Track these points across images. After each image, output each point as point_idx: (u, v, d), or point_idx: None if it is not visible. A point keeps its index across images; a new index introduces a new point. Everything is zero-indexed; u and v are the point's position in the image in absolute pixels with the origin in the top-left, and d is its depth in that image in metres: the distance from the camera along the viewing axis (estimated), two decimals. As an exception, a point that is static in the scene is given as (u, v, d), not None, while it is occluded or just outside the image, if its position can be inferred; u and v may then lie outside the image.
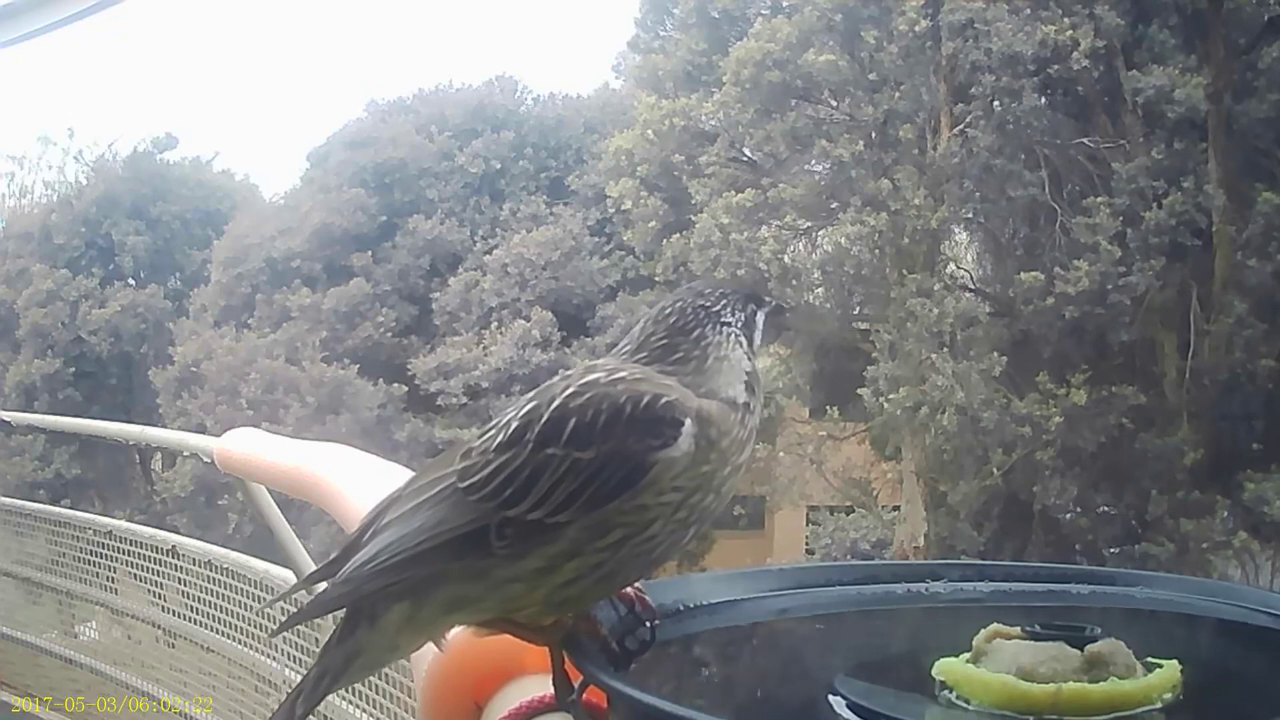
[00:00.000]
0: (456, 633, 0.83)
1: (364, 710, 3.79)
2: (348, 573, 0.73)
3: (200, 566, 4.73)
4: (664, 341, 0.75)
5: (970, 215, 17.27)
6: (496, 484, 0.70)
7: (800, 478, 17.77)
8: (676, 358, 0.75)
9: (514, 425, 0.72)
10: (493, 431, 0.73)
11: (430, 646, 0.84)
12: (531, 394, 0.74)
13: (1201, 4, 15.85)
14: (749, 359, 0.77)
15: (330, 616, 0.78)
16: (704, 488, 0.71)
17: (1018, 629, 0.68)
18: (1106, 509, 16.48)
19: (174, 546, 4.95)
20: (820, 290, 17.90)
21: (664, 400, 0.70)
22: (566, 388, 0.72)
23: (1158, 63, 15.57)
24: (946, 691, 0.66)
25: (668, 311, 0.77)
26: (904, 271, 16.19)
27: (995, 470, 15.63)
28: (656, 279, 17.90)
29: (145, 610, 5.14)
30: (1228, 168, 15.57)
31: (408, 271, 19.68)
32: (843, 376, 17.03)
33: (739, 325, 0.77)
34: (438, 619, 0.73)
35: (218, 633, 4.59)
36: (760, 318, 0.80)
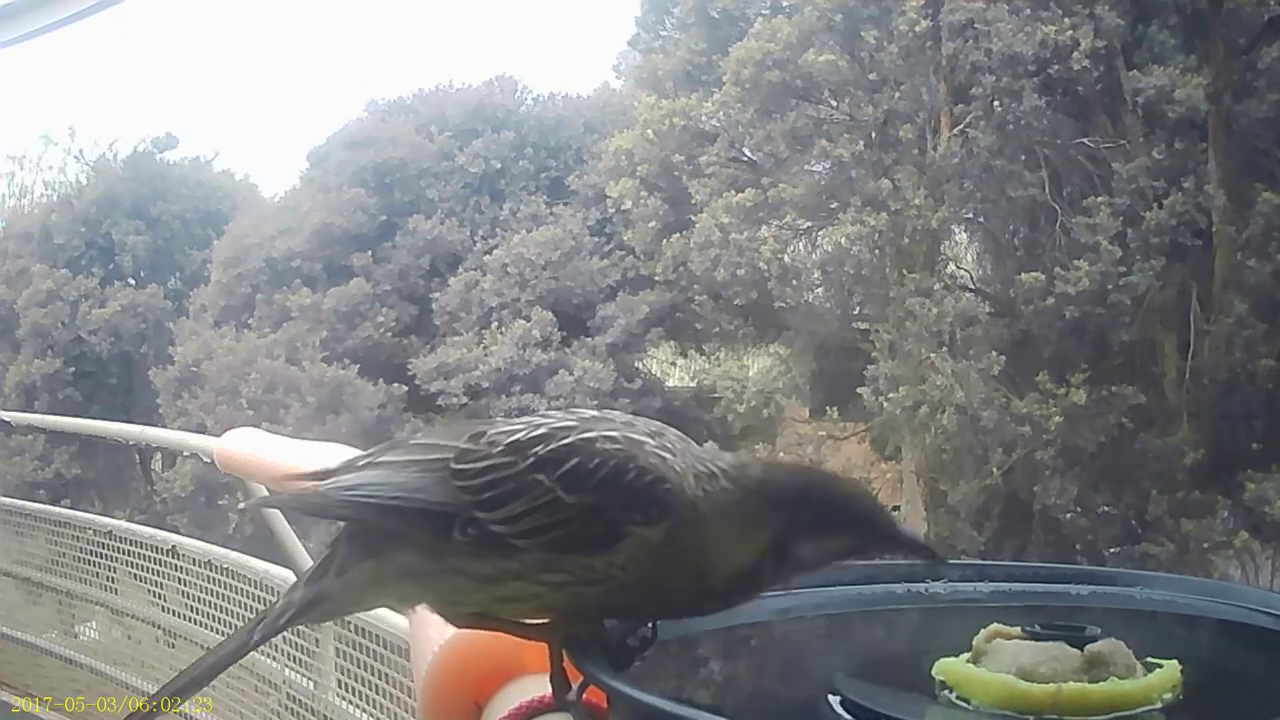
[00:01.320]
0: (456, 632, 0.83)
1: (364, 710, 3.79)
2: (329, 488, 0.75)
3: (200, 566, 4.73)
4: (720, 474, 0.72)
5: (970, 215, 17.27)
6: (482, 483, 0.70)
7: (800, 478, 17.75)
8: None
9: (538, 432, 0.71)
10: (517, 428, 0.72)
11: (430, 646, 0.84)
12: (586, 411, 0.73)
13: (1201, 4, 15.85)
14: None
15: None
16: (649, 585, 0.69)
17: (1018, 629, 0.68)
18: (1106, 509, 16.48)
19: (174, 546, 4.95)
20: (820, 290, 17.90)
21: (665, 486, 0.69)
22: (611, 427, 0.71)
23: (1158, 63, 15.57)
24: (946, 691, 0.66)
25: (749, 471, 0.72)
26: (904, 271, 16.20)
27: (995, 470, 15.63)
28: (656, 279, 17.91)
29: (145, 610, 5.14)
30: (1228, 168, 15.58)
31: (408, 271, 19.68)
32: (843, 376, 17.03)
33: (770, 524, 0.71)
34: (394, 583, 0.74)
35: (218, 633, 4.59)
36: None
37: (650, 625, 0.74)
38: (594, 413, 0.73)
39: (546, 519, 0.68)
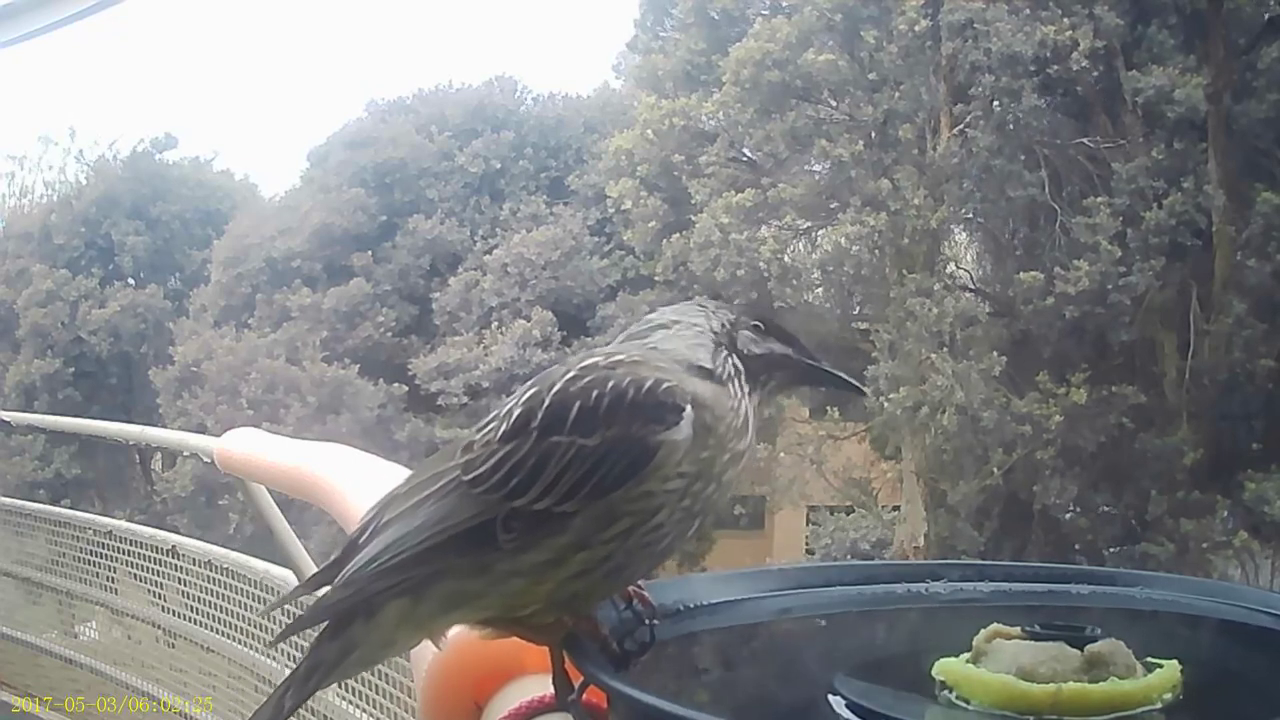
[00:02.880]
0: (456, 632, 0.83)
1: (364, 710, 3.79)
2: (349, 575, 0.72)
3: (200, 566, 4.73)
4: (647, 329, 0.76)
5: (970, 215, 17.28)
6: (501, 475, 0.69)
7: (800, 478, 17.78)
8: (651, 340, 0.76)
9: (516, 414, 0.71)
10: (494, 423, 0.72)
11: (430, 646, 0.84)
12: (531, 382, 0.73)
13: (1201, 4, 15.86)
14: (713, 347, 0.75)
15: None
16: (705, 475, 0.70)
17: (1018, 629, 0.68)
18: (1106, 509, 16.49)
19: (174, 546, 4.95)
20: (820, 290, 17.91)
21: (665, 385, 0.70)
22: (566, 373, 0.72)
23: (1157, 63, 15.57)
24: (946, 691, 0.66)
25: (660, 312, 0.78)
26: (904, 271, 16.20)
27: (995, 470, 15.63)
28: (656, 279, 17.91)
29: (145, 610, 5.14)
30: (1227, 168, 15.58)
31: (408, 271, 19.69)
32: (843, 376, 17.02)
33: (713, 329, 0.77)
34: (436, 616, 0.72)
35: (218, 633, 4.59)
36: (745, 336, 0.78)
37: (650, 625, 0.74)
38: (546, 372, 0.73)
39: (581, 470, 0.68)
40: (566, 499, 0.68)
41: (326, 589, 0.74)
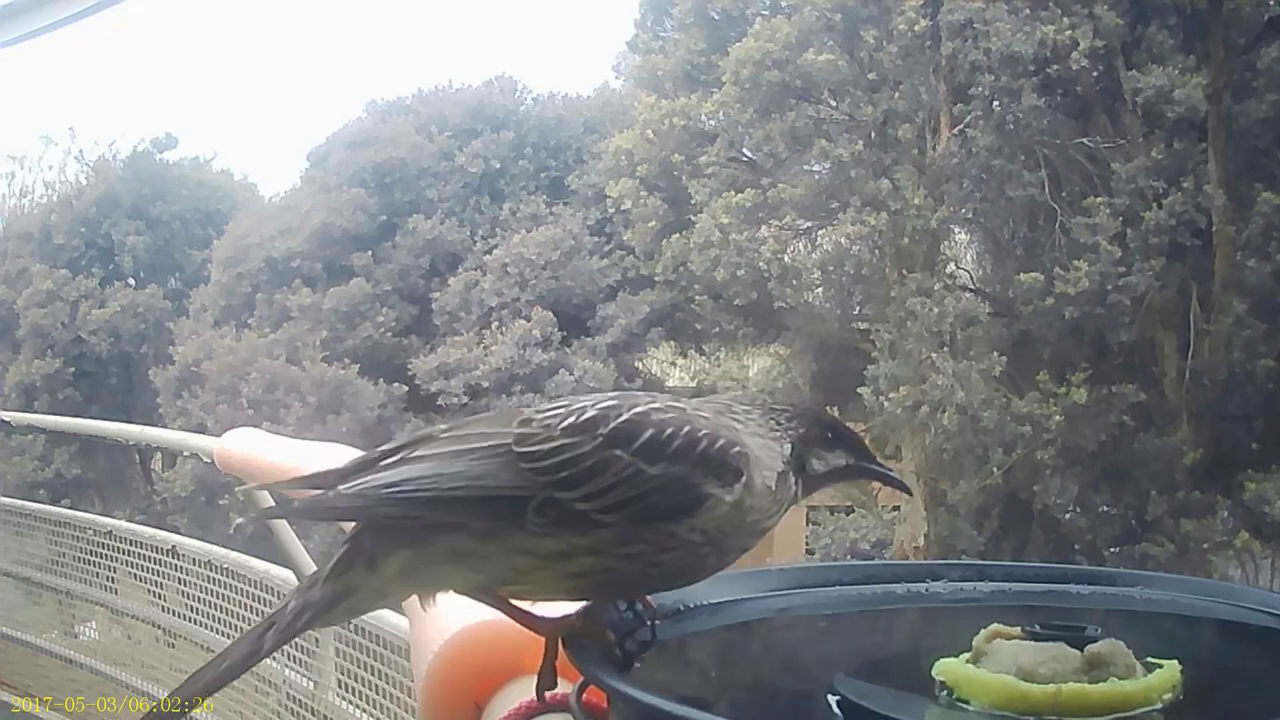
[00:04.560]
0: (456, 631, 0.83)
1: (364, 710, 3.79)
2: (363, 487, 0.72)
3: (200, 566, 4.74)
4: (749, 410, 0.77)
5: (970, 215, 17.27)
6: (556, 462, 0.70)
7: (800, 477, 17.76)
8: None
9: (589, 414, 0.72)
10: (560, 411, 0.72)
11: (430, 646, 0.84)
12: (611, 393, 0.74)
13: (1201, 4, 15.85)
14: (785, 461, 0.76)
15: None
16: (720, 546, 0.72)
17: (1018, 629, 0.68)
18: (1106, 509, 16.49)
19: (174, 546, 4.96)
20: (820, 290, 17.91)
21: (735, 449, 0.72)
22: (651, 401, 0.73)
23: (1157, 63, 15.57)
24: (946, 692, 0.65)
25: (773, 401, 0.79)
26: (904, 271, 16.20)
27: (995, 470, 15.63)
28: (656, 279, 17.92)
29: (145, 610, 5.15)
30: (1227, 168, 15.58)
31: (408, 271, 19.69)
32: (843, 376, 17.04)
33: (795, 436, 0.77)
34: (437, 571, 0.72)
35: (218, 633, 4.60)
36: (814, 457, 0.78)
37: (650, 625, 0.74)
38: (628, 391, 0.76)
39: (631, 491, 0.69)
40: (609, 511, 0.69)
41: (321, 492, 0.74)
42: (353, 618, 0.77)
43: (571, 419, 0.71)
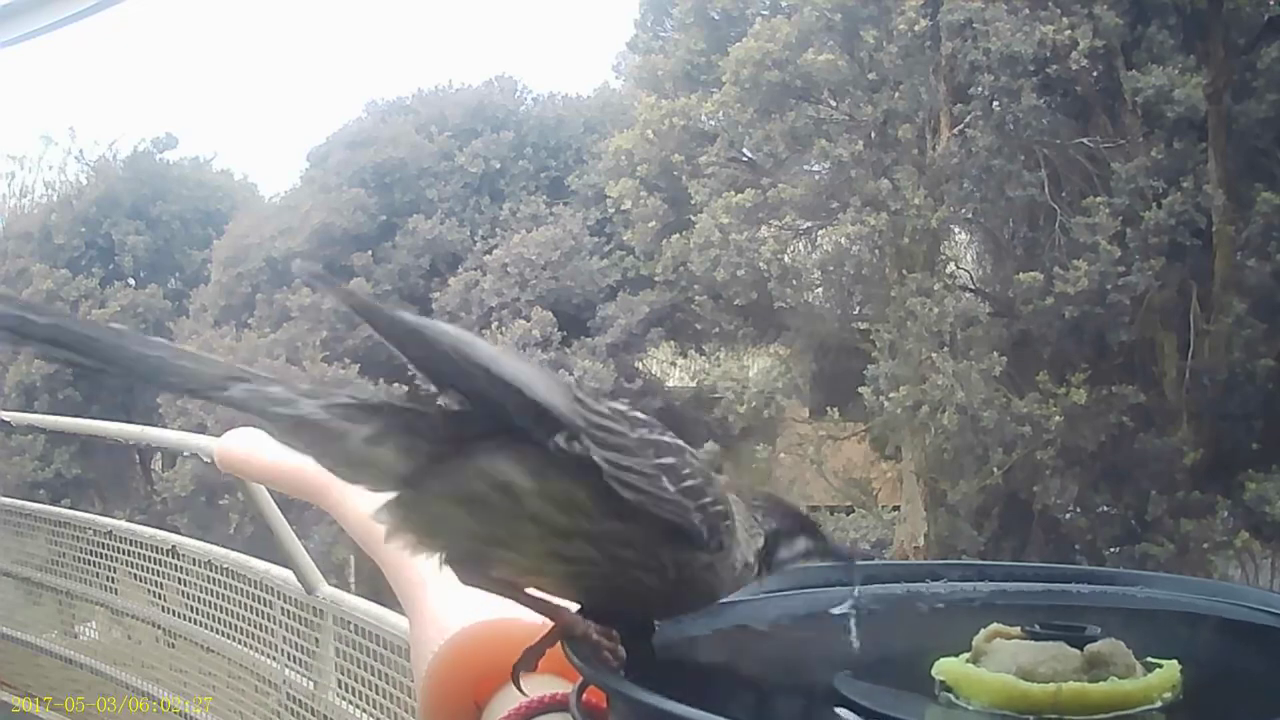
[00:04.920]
0: (456, 631, 0.83)
1: (364, 710, 3.79)
2: (420, 321, 0.72)
3: (200, 566, 4.74)
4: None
5: (970, 215, 17.28)
6: (598, 419, 0.69)
7: (800, 478, 17.78)
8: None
9: (630, 413, 0.72)
10: (607, 401, 0.72)
11: (430, 646, 0.84)
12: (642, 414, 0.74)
13: (1201, 4, 15.85)
14: (754, 560, 0.76)
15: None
16: (680, 591, 0.72)
17: (1018, 629, 0.68)
18: (1106, 509, 16.49)
19: (174, 546, 4.96)
20: (820, 290, 17.91)
21: (726, 523, 0.72)
22: (676, 437, 0.73)
23: (1157, 63, 15.57)
24: (946, 692, 0.66)
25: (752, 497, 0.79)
26: (904, 271, 16.21)
27: (995, 470, 15.64)
28: (656, 279, 17.92)
29: (145, 610, 5.15)
30: (1227, 168, 15.58)
31: (408, 271, 19.69)
32: (843, 376, 17.04)
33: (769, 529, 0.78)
34: (429, 509, 0.70)
35: (218, 633, 4.60)
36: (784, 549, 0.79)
37: (651, 625, 0.74)
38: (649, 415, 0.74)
39: (646, 485, 0.69)
40: (625, 486, 0.68)
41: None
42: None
43: (614, 407, 0.71)
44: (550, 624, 0.73)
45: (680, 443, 0.72)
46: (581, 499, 0.69)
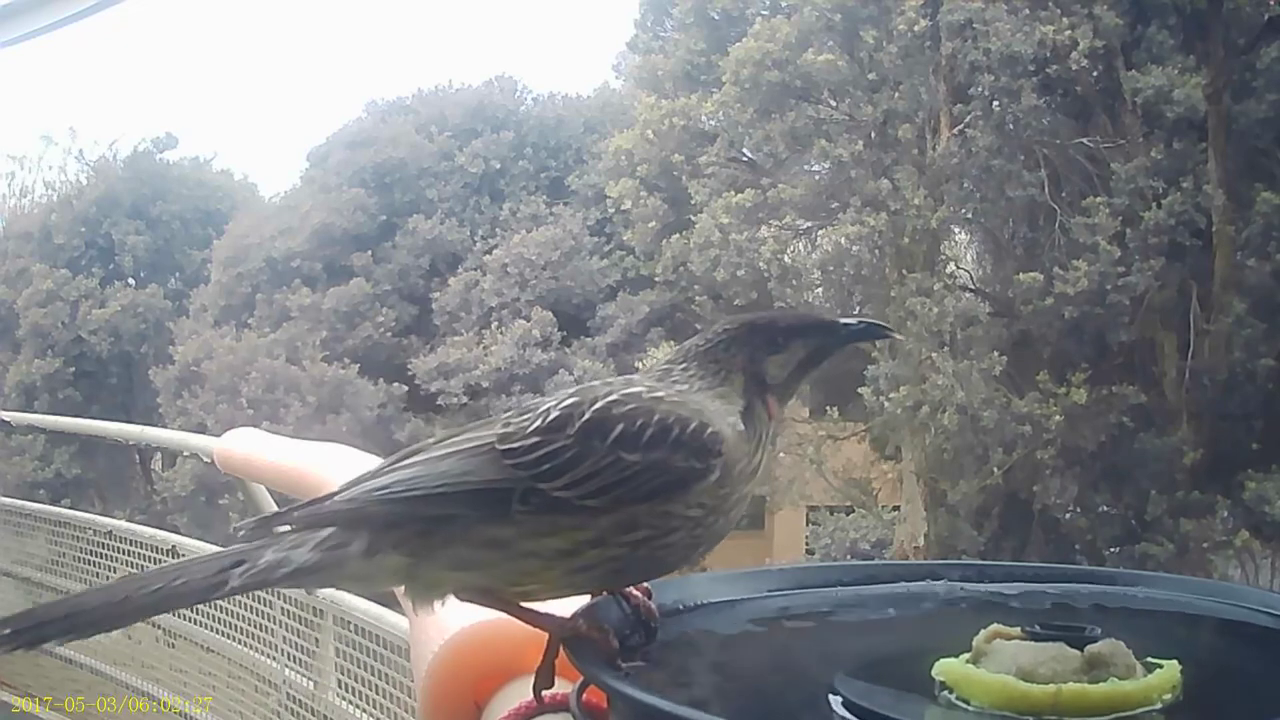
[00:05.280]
0: (456, 631, 0.83)
1: (364, 710, 3.79)
2: (355, 493, 0.74)
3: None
4: (686, 366, 0.78)
5: (970, 215, 17.27)
6: (536, 456, 0.71)
7: (800, 478, 17.77)
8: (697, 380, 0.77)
9: (553, 415, 0.73)
10: (529, 416, 0.74)
11: (430, 646, 0.84)
12: (570, 391, 0.75)
13: (1201, 4, 15.85)
14: (742, 397, 0.76)
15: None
16: (719, 509, 0.73)
17: (1018, 629, 0.68)
18: (1106, 509, 16.49)
19: (174, 546, 4.96)
20: (820, 290, 17.90)
21: (709, 430, 0.73)
22: (609, 393, 0.74)
23: (1157, 63, 15.57)
24: (946, 692, 0.65)
25: (703, 340, 0.79)
26: (904, 271, 16.20)
27: (995, 470, 15.63)
28: (656, 279, 17.91)
29: (145, 610, 5.13)
30: (1227, 168, 15.58)
31: (408, 271, 19.69)
32: (843, 376, 17.03)
33: (739, 363, 0.77)
34: (438, 575, 0.74)
35: (218, 633, 4.60)
36: (782, 358, 0.78)
37: (651, 625, 0.74)
38: (586, 385, 0.75)
39: (614, 476, 0.71)
40: (592, 496, 0.70)
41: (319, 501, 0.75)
42: (323, 587, 0.79)
43: (539, 422, 0.73)
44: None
45: (612, 399, 0.73)
46: (566, 523, 0.71)
